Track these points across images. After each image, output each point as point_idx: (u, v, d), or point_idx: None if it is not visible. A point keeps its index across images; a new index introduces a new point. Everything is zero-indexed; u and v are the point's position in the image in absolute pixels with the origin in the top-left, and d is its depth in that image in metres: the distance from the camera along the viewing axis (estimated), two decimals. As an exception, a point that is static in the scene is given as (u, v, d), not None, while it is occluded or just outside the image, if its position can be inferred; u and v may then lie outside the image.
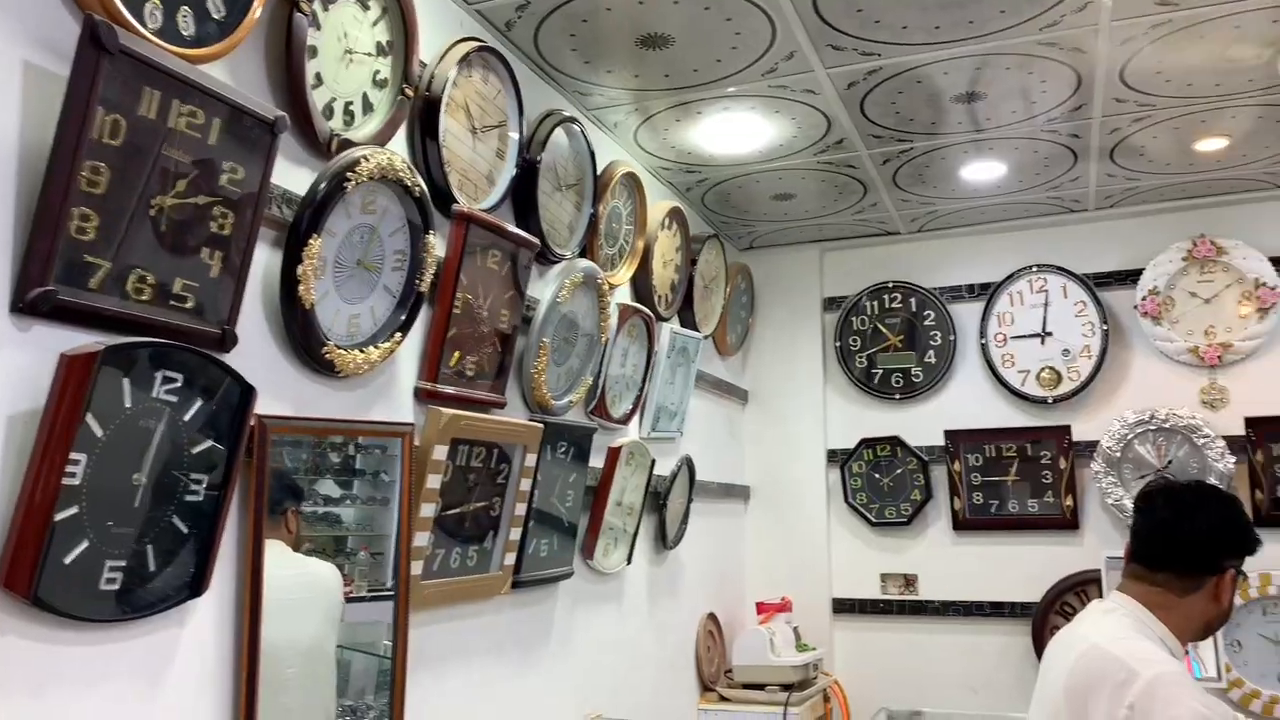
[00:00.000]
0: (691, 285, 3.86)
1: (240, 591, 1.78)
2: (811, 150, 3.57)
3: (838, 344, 4.66)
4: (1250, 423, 3.97)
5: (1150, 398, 4.14)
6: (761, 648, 3.85)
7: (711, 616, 4.05)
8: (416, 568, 2.19)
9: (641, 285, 3.46)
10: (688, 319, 3.89)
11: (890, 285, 4.61)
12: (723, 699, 3.85)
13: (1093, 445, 4.16)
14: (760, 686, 3.81)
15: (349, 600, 2.06)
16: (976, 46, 2.84)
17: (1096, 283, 4.26)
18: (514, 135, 2.63)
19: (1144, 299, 4.15)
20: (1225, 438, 3.99)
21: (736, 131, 3.38)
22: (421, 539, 2.20)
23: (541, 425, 2.60)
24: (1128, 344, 4.25)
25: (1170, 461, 4.06)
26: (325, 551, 2.09)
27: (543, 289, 2.75)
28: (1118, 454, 4.10)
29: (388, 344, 2.13)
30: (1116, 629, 1.84)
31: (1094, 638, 1.83)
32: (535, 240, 2.61)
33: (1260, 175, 3.91)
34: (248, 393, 1.73)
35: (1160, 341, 4.15)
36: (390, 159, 2.05)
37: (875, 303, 4.63)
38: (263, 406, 1.80)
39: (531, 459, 2.57)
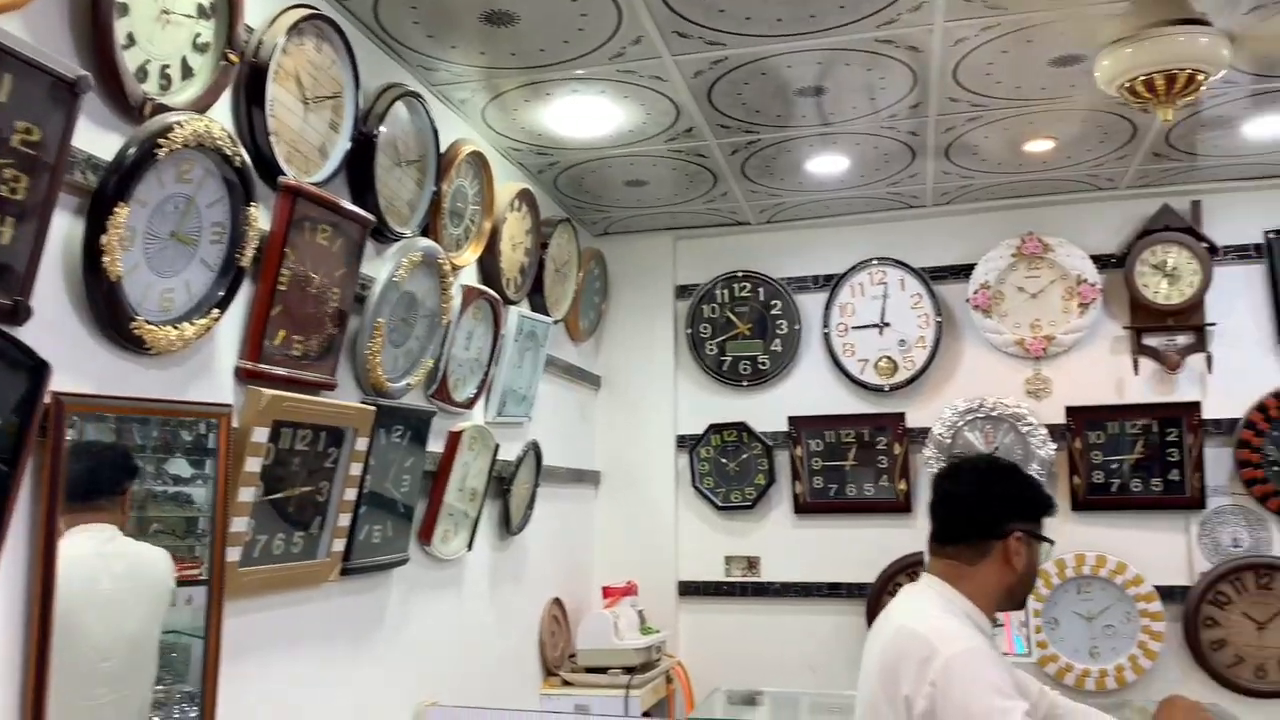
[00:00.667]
0: (542, 269, 3.83)
1: (30, 579, 1.67)
2: (662, 137, 3.58)
3: (689, 331, 4.71)
4: (1070, 412, 4.20)
5: (980, 387, 4.34)
6: (605, 631, 3.87)
7: (557, 601, 4.05)
8: (234, 553, 2.10)
9: (489, 267, 3.41)
10: (538, 303, 3.86)
11: (740, 274, 4.68)
12: (565, 683, 3.85)
13: (925, 432, 4.33)
14: (603, 670, 3.83)
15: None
16: (818, 41, 2.89)
17: (932, 276, 4.43)
18: (349, 108, 2.54)
19: (976, 293, 4.34)
20: (1047, 426, 4.21)
21: (586, 115, 3.36)
22: (240, 524, 2.11)
23: (374, 408, 2.53)
24: (960, 335, 4.43)
25: (997, 448, 4.26)
26: (175, 533, 1.99)
27: (379, 267, 2.68)
28: (948, 440, 4.28)
29: (204, 320, 2.03)
30: (923, 608, 1.91)
31: (901, 618, 1.90)
32: (370, 217, 2.53)
33: (1084, 177, 4.13)
34: (40, 368, 1.62)
35: (990, 333, 4.34)
36: (208, 126, 1.96)
37: (726, 291, 4.70)
38: (62, 383, 1.70)
39: (363, 443, 2.51)
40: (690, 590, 4.58)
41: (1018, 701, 1.70)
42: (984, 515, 1.95)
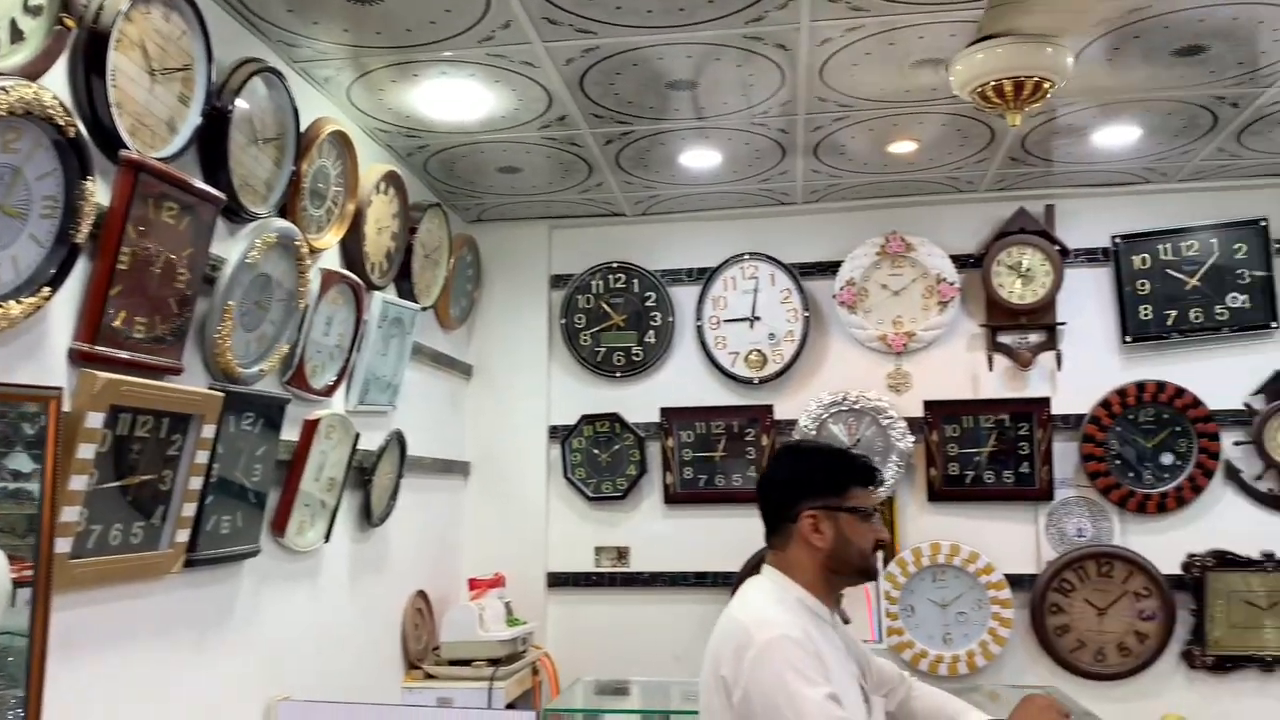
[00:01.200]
0: (410, 254, 3.76)
1: None
2: (535, 124, 3.55)
3: (563, 321, 4.69)
4: (928, 406, 4.35)
5: (844, 381, 4.44)
6: (470, 623, 3.83)
7: (421, 594, 3.98)
8: (64, 545, 1.99)
9: (353, 251, 3.33)
10: (405, 289, 3.79)
11: (615, 265, 4.68)
12: (428, 676, 3.80)
13: (792, 424, 4.42)
14: (467, 662, 3.79)
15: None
16: (688, 34, 2.91)
17: (801, 272, 4.52)
18: (201, 81, 2.44)
19: (842, 289, 4.44)
20: (907, 419, 4.35)
21: (456, 98, 3.31)
22: (71, 513, 2.01)
23: (222, 394, 2.44)
24: (826, 330, 4.53)
25: (859, 440, 4.37)
26: (15, 531, 1.87)
27: (232, 248, 2.58)
28: (814, 432, 4.37)
29: (33, 299, 1.92)
30: (753, 598, 1.95)
31: (733, 608, 1.94)
32: (221, 195, 2.44)
33: (945, 179, 4.27)
34: None
35: (855, 329, 4.45)
36: (37, 93, 1.85)
37: (601, 282, 4.69)
38: None
39: (210, 430, 2.41)
40: (560, 581, 4.57)
41: (821, 687, 1.74)
42: (779, 500, 2.01)
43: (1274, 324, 4.20)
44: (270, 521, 2.89)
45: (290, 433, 2.92)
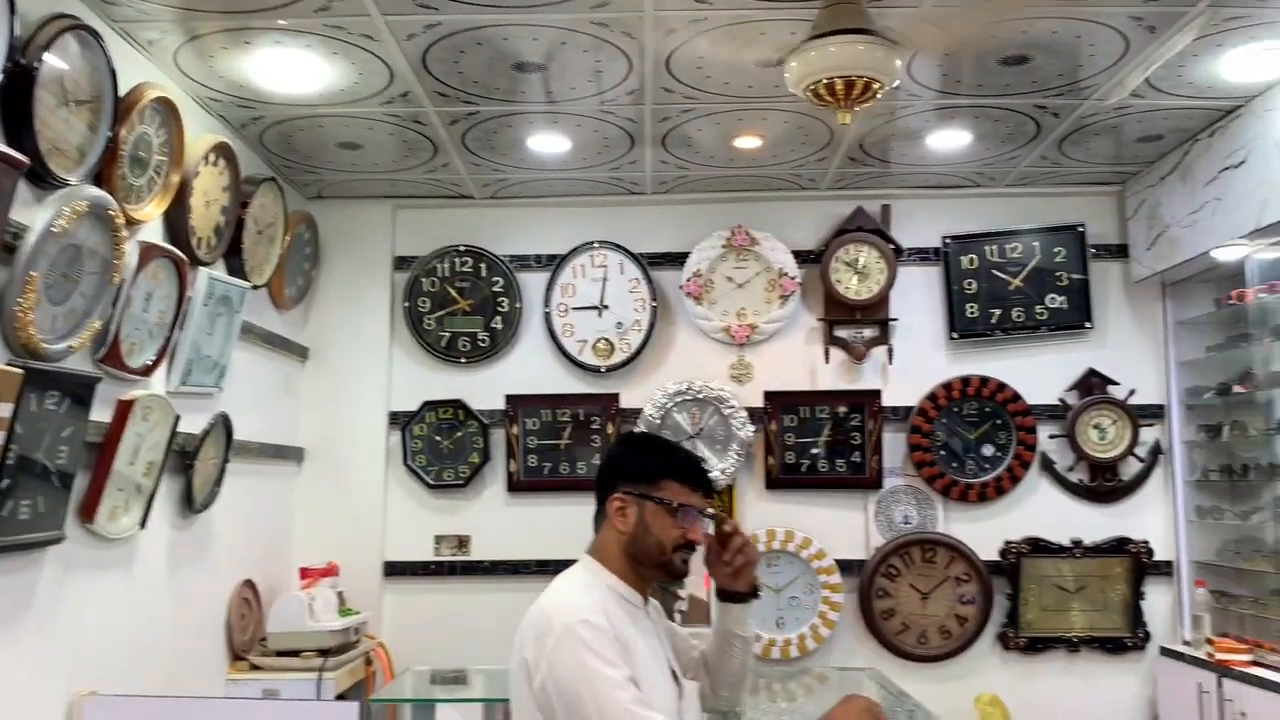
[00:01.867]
0: (241, 230, 3.60)
1: None
2: (376, 100, 3.45)
3: (407, 305, 4.59)
4: (768, 396, 4.45)
5: (689, 371, 4.50)
6: (299, 614, 3.71)
7: (248, 583, 3.84)
8: None
9: (178, 224, 3.16)
10: (235, 266, 3.62)
11: (462, 249, 4.61)
12: (254, 667, 3.66)
13: (638, 413, 4.45)
14: (296, 653, 3.66)
15: None
16: (534, 16, 2.88)
17: (649, 262, 4.55)
18: (2, 35, 2.26)
19: (688, 280, 4.49)
20: (748, 409, 4.43)
21: (292, 69, 3.18)
22: None
23: (21, 371, 2.28)
24: (673, 320, 4.58)
25: (701, 429, 4.44)
26: None
27: (37, 215, 2.41)
28: (658, 421, 4.42)
29: None
30: (561, 584, 1.94)
31: (542, 596, 1.92)
32: (23, 158, 2.27)
33: (788, 176, 4.37)
34: None
35: (700, 320, 4.51)
36: None
37: (447, 265, 4.61)
38: None
39: (7, 409, 2.25)
40: (397, 570, 4.48)
41: (620, 670, 1.75)
42: (601, 484, 2.01)
43: (1088, 325, 4.47)
44: (78, 507, 2.72)
45: (103, 413, 2.76)
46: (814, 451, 4.45)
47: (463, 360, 4.58)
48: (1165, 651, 4.19)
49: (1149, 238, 4.25)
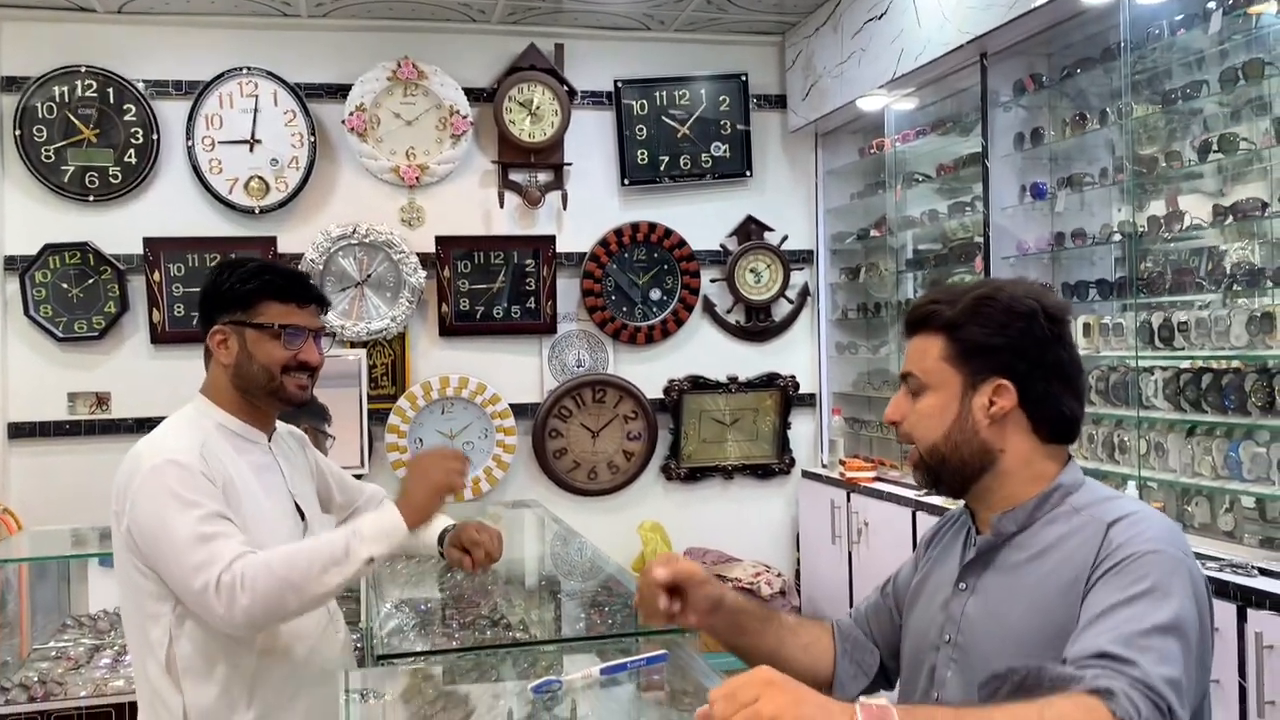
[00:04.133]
0: None
1: None
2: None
3: (18, 133, 3.99)
4: (440, 241, 4.32)
5: (355, 213, 4.27)
6: (-107, 484, 3.24)
7: None
8: None
9: None
10: None
11: (85, 70, 4.04)
12: None
13: (299, 257, 4.17)
14: (-108, 528, 3.21)
15: None
16: None
17: (307, 93, 4.21)
18: None
19: (352, 114, 4.21)
20: (419, 254, 4.29)
21: None
22: None
23: None
24: (336, 159, 4.30)
25: (370, 275, 4.25)
26: None
27: None
28: (321, 266, 4.17)
29: None
30: (162, 426, 1.83)
31: (140, 440, 1.80)
32: None
33: (456, 5, 4.15)
34: None
35: (366, 159, 4.26)
36: None
37: (66, 89, 4.03)
38: None
39: None
40: (24, 432, 4.02)
41: (202, 508, 1.68)
42: (201, 317, 1.89)
43: (748, 173, 4.66)
44: None
45: None
46: (489, 298, 4.39)
47: (90, 198, 4.08)
48: (806, 474, 4.62)
49: (804, 88, 4.46)
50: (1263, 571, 2.37)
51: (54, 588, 3.81)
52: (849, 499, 4.09)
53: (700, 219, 4.64)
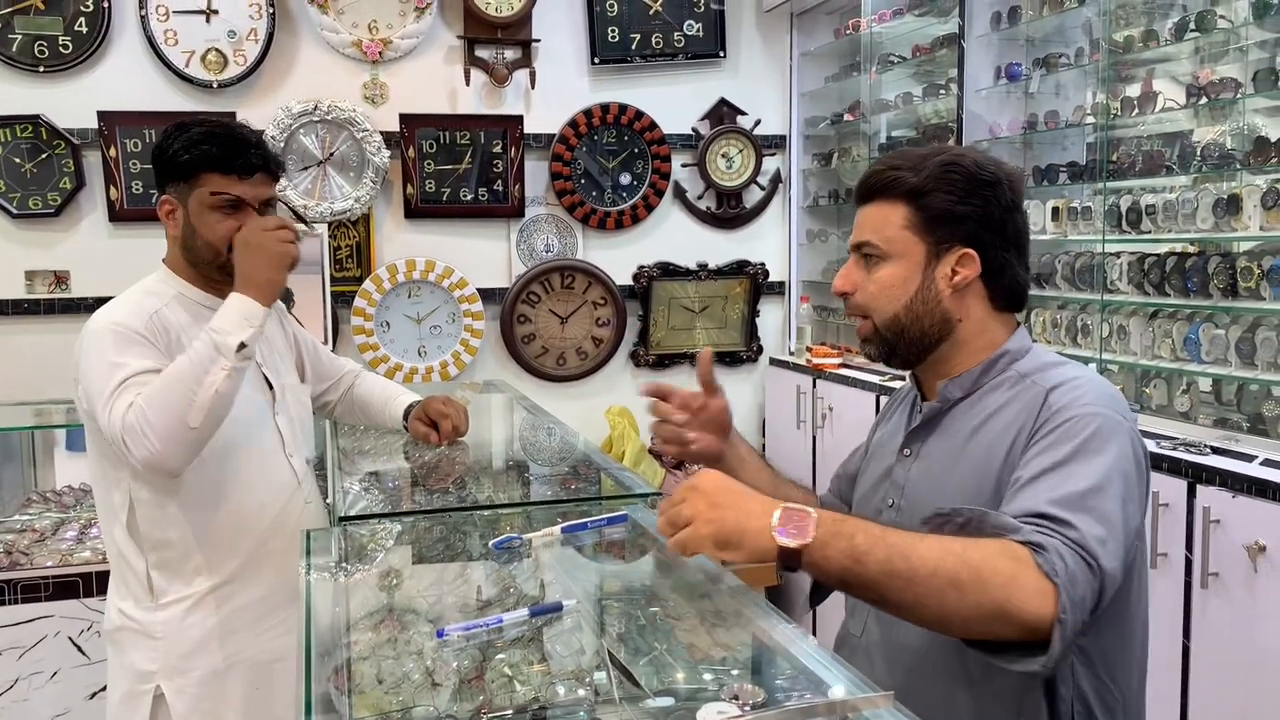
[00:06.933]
0: None
1: None
2: None
3: (-40, -2, 3.81)
4: (404, 119, 4.21)
5: (317, 89, 4.14)
6: None
7: None
8: None
9: None
10: None
11: (28, -69, 3.85)
12: None
13: (260, 134, 4.03)
14: None
15: None
16: None
17: (264, -40, 4.04)
18: None
19: (311, -16, 4.06)
20: (383, 133, 4.18)
21: None
22: None
23: None
24: (296, 31, 4.14)
25: (332, 154, 4.15)
26: None
27: None
28: (282, 144, 4.07)
29: None
30: (120, 296, 1.91)
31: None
32: None
33: None
34: None
35: (327, 32, 4.12)
36: None
37: (9, -49, 3.84)
38: None
39: None
40: (-19, 311, 3.96)
41: (130, 367, 1.72)
42: (156, 186, 1.90)
43: (722, 54, 4.55)
44: None
45: None
46: (455, 179, 4.31)
47: (40, 69, 3.92)
48: (774, 361, 4.64)
49: (780, -34, 4.34)
50: (1215, 450, 2.42)
51: (18, 466, 3.81)
52: (815, 385, 4.13)
53: (672, 101, 4.55)
